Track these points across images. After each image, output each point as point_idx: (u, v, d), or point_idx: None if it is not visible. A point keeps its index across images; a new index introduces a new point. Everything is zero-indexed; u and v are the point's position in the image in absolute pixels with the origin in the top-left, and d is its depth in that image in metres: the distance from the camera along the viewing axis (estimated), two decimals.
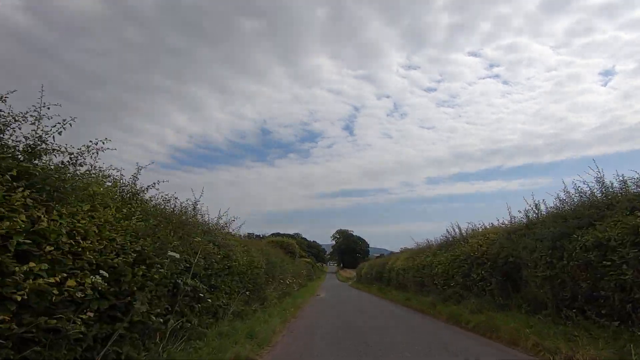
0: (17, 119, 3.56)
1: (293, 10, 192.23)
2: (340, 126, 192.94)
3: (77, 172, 4.10)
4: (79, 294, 2.98)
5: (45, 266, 2.76)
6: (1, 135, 3.46)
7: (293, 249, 21.97)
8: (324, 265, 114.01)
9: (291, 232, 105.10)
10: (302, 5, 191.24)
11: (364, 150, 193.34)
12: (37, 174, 3.27)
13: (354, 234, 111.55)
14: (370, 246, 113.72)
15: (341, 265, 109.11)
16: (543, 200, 8.20)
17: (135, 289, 3.66)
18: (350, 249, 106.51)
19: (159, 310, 4.11)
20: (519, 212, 8.78)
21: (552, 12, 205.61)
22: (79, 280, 3.02)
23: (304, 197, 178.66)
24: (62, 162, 3.92)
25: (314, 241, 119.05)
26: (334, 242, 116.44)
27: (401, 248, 22.71)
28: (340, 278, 67.51)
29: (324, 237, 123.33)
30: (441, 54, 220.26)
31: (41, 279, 2.68)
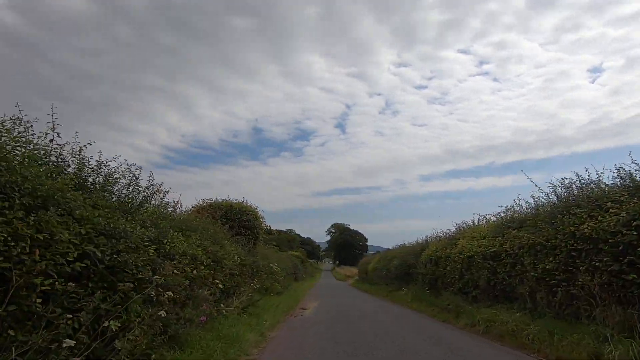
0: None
1: (284, 8, 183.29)
2: (333, 124, 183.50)
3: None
4: None
5: None
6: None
7: (251, 223, 11.34)
8: (318, 262, 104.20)
9: (285, 229, 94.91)
10: (293, 4, 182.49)
11: (357, 148, 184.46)
12: None
13: (351, 227, 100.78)
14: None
15: (337, 262, 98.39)
16: None
17: None
18: (347, 244, 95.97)
19: None
20: None
21: (541, 8, 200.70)
22: None
23: (299, 196, 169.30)
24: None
25: (308, 237, 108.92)
26: (329, 238, 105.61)
27: (451, 227, 12.26)
28: (338, 276, 57.26)
29: (319, 236, 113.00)
30: (432, 51, 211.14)
31: None
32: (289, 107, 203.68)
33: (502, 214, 9.18)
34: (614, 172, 5.89)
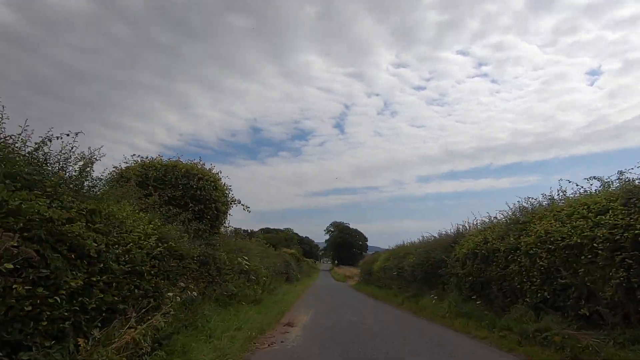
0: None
1: (282, 7, 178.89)
2: (331, 124, 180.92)
3: None
4: None
5: None
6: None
7: (206, 194, 7.25)
8: (316, 262, 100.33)
9: (282, 228, 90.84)
10: (292, 3, 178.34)
11: (356, 148, 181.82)
12: None
13: (351, 226, 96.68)
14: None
15: (336, 262, 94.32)
16: None
17: None
18: (346, 244, 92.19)
19: None
20: None
21: (539, 10, 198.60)
22: None
23: (297, 196, 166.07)
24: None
25: (306, 237, 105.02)
26: (327, 237, 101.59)
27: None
28: (336, 277, 53.50)
29: (318, 236, 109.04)
30: (430, 52, 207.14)
31: None
32: (287, 106, 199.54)
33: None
34: None
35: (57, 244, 2.87)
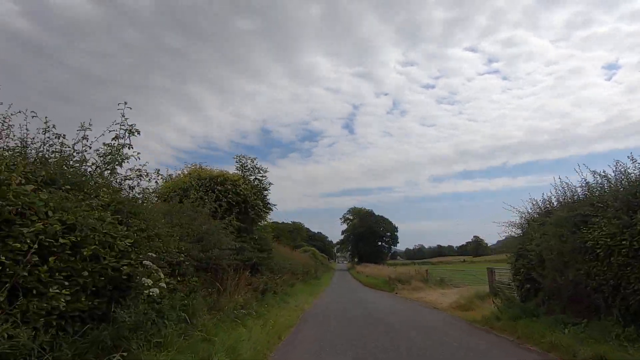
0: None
1: (287, 8, 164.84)
2: (341, 125, 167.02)
3: None
4: None
5: None
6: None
7: None
8: (331, 260, 78.85)
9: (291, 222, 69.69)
10: (297, 4, 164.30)
11: (366, 148, 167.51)
12: None
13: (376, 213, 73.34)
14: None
15: (356, 259, 71.40)
16: None
17: None
18: (370, 234, 68.98)
19: None
20: None
21: (549, 3, 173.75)
22: None
23: (308, 197, 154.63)
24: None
25: (318, 232, 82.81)
26: (343, 231, 78.39)
27: None
28: (363, 280, 31.84)
29: (332, 236, 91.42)
30: (438, 49, 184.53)
31: None
32: (295, 107, 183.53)
33: None
34: None
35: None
